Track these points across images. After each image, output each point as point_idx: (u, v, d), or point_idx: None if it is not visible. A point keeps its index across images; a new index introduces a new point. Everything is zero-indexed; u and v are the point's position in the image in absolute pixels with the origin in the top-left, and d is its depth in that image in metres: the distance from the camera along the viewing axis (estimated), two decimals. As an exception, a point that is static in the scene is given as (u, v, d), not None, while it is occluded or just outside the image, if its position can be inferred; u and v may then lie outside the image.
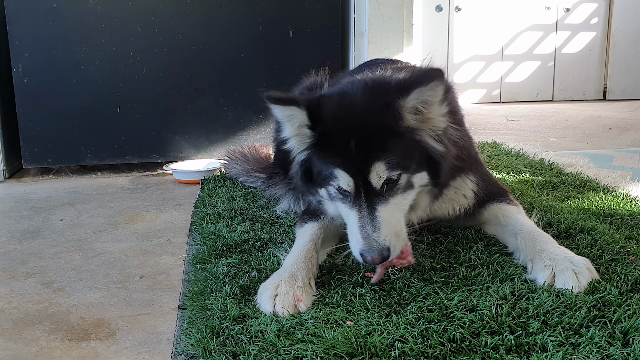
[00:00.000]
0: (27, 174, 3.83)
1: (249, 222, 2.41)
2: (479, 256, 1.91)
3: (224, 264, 1.94)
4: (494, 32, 8.37)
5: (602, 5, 8.50)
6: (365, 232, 1.66)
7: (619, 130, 5.27)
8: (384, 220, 1.68)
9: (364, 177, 1.68)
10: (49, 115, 3.69)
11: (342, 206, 1.78)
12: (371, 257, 1.64)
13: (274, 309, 1.59)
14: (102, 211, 2.92)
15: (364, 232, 1.66)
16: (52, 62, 3.64)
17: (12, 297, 1.90)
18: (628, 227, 2.19)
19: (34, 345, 1.59)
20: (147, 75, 3.76)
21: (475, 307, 1.55)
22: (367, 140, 1.69)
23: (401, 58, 3.86)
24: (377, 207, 1.69)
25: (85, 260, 2.23)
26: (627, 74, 8.59)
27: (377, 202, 1.69)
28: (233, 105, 3.90)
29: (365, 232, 1.66)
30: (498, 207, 2.12)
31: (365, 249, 1.65)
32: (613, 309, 1.50)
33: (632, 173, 3.28)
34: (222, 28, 3.82)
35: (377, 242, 1.64)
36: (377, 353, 1.35)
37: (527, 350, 1.35)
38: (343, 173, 1.70)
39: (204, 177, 3.38)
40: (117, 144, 3.80)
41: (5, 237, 2.53)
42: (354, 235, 1.71)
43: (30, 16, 3.58)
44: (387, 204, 1.70)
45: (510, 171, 3.24)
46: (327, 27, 3.94)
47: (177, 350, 1.52)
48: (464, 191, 2.09)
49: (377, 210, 1.68)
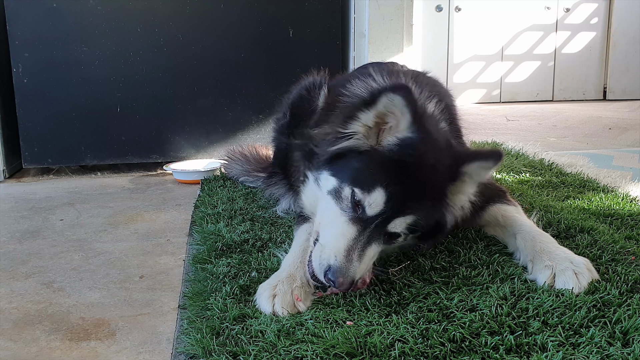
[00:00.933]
0: (27, 174, 3.83)
1: (249, 222, 2.41)
2: (479, 256, 1.91)
3: (224, 264, 1.94)
4: (494, 32, 8.37)
5: (602, 5, 8.51)
6: (350, 256, 1.58)
7: (619, 130, 5.27)
8: (369, 257, 1.63)
9: (389, 216, 1.62)
10: (49, 115, 3.69)
11: (335, 209, 1.68)
12: (342, 281, 1.56)
13: (273, 309, 1.59)
14: (102, 211, 2.92)
15: (350, 256, 1.58)
16: (52, 62, 3.64)
17: (12, 297, 1.90)
18: (628, 227, 2.19)
19: (34, 345, 1.59)
20: (147, 75, 3.77)
21: (475, 307, 1.55)
22: (419, 190, 1.65)
23: (401, 58, 3.87)
24: (372, 243, 1.63)
25: (85, 260, 2.23)
26: (627, 74, 8.59)
27: (376, 240, 1.64)
28: (233, 105, 3.90)
29: (350, 256, 1.58)
30: (497, 207, 2.12)
31: (340, 270, 1.56)
32: (613, 309, 1.50)
33: (632, 173, 3.28)
34: (222, 28, 3.82)
35: (354, 271, 1.58)
36: (377, 353, 1.35)
37: (527, 350, 1.35)
38: (381, 195, 1.60)
39: (204, 177, 3.38)
40: (117, 144, 3.80)
41: (5, 237, 2.53)
42: (333, 248, 1.60)
43: (30, 16, 3.58)
44: (379, 245, 1.66)
45: (510, 171, 3.24)
46: (327, 27, 3.94)
47: (177, 350, 1.52)
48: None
49: (370, 246, 1.63)
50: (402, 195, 1.63)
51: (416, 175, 1.65)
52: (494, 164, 1.74)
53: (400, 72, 2.10)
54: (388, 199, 1.61)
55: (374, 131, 1.69)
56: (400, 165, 1.65)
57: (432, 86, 2.08)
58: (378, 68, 2.16)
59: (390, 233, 1.67)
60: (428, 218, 1.70)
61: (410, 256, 1.93)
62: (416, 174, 1.65)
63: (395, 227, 1.66)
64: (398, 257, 1.92)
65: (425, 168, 1.67)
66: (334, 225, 1.66)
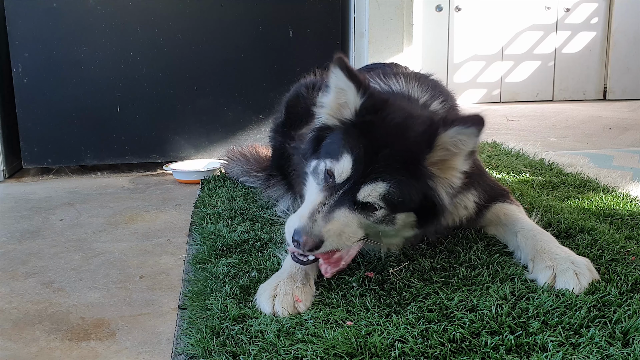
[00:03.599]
0: (27, 174, 3.83)
1: (249, 222, 2.41)
2: (479, 256, 1.91)
3: (224, 264, 1.94)
4: (494, 32, 8.37)
5: (602, 5, 8.50)
6: (314, 216, 1.60)
7: (619, 130, 5.27)
8: (337, 222, 1.62)
9: (357, 181, 1.63)
10: (49, 115, 3.69)
11: (313, 184, 1.74)
12: (305, 238, 1.56)
13: (273, 309, 1.59)
14: (102, 211, 2.92)
15: (314, 216, 1.60)
16: (52, 62, 3.64)
17: (12, 297, 1.90)
18: (628, 227, 2.19)
19: (34, 345, 1.59)
20: (147, 75, 3.76)
21: (475, 307, 1.55)
22: (389, 157, 1.64)
23: (401, 58, 3.87)
24: (341, 209, 1.63)
25: (85, 260, 2.23)
26: (627, 74, 8.59)
27: (345, 207, 1.64)
28: (233, 105, 3.90)
29: (314, 217, 1.60)
30: (499, 206, 2.12)
31: (304, 228, 1.58)
32: (613, 309, 1.50)
33: (632, 173, 3.28)
34: (222, 28, 3.82)
35: (318, 230, 1.58)
36: (377, 353, 1.35)
37: (527, 350, 1.35)
38: (347, 161, 1.64)
39: (204, 177, 3.38)
40: (117, 144, 3.80)
41: (5, 237, 2.53)
42: (301, 212, 1.65)
43: (30, 16, 3.58)
44: (351, 214, 1.65)
45: (510, 171, 3.23)
46: (327, 27, 3.94)
47: (177, 350, 1.52)
48: (465, 203, 2.06)
49: (338, 211, 1.63)
50: (368, 159, 1.64)
51: (378, 137, 1.67)
52: (476, 130, 1.63)
53: (400, 74, 2.10)
54: (354, 163, 1.64)
55: (339, 110, 1.77)
56: (363, 130, 1.70)
57: (435, 87, 2.09)
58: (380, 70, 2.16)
59: (363, 203, 1.65)
60: (403, 189, 1.65)
61: (410, 256, 1.93)
62: (378, 136, 1.68)
63: (366, 196, 1.64)
64: (398, 257, 1.92)
65: (386, 129, 1.69)
66: (309, 196, 1.73)
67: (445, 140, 1.66)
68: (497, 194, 2.17)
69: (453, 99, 2.16)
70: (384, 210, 1.68)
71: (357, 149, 1.66)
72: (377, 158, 1.64)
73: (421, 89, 1.98)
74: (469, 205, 2.07)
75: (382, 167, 1.64)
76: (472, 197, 2.07)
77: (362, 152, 1.65)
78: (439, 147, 1.67)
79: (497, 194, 2.17)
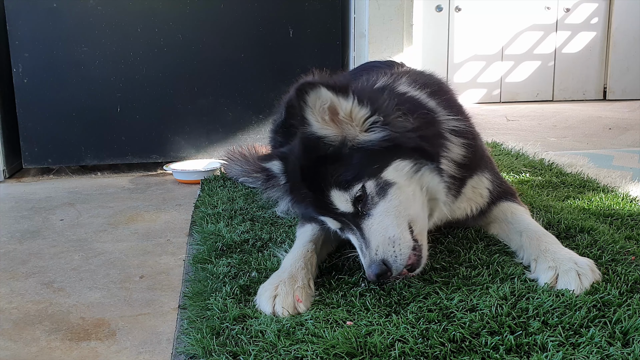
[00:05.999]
0: (27, 174, 3.83)
1: (249, 222, 2.41)
2: (479, 256, 1.91)
3: (224, 264, 1.94)
4: (494, 32, 8.37)
5: (602, 5, 8.51)
6: (362, 251, 1.68)
7: (619, 130, 5.27)
8: (372, 233, 1.67)
9: (334, 209, 1.71)
10: (49, 115, 3.69)
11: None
12: (372, 274, 1.63)
13: (274, 310, 1.58)
14: (102, 211, 2.92)
15: (362, 251, 1.68)
16: (52, 62, 3.65)
17: (12, 297, 1.90)
18: (628, 227, 2.19)
19: (34, 345, 1.59)
20: (147, 75, 3.77)
21: (475, 307, 1.55)
22: (312, 173, 1.73)
23: (401, 58, 3.86)
24: (361, 225, 1.69)
25: (85, 260, 2.23)
26: (627, 74, 8.59)
27: (361, 220, 1.69)
28: (233, 105, 3.90)
29: (362, 252, 1.68)
30: (508, 205, 2.13)
31: (366, 267, 1.66)
32: (613, 309, 1.50)
33: (632, 173, 3.28)
34: (222, 28, 3.82)
35: (371, 258, 1.64)
36: (377, 353, 1.35)
37: (527, 350, 1.35)
38: (323, 219, 1.79)
39: (204, 177, 3.38)
40: (117, 144, 3.80)
41: (5, 237, 2.53)
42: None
43: (30, 16, 3.58)
44: (370, 216, 1.68)
45: (510, 171, 3.23)
46: (327, 27, 3.95)
47: (177, 350, 1.52)
48: (481, 190, 2.08)
49: (362, 229, 1.68)
50: (316, 195, 1.76)
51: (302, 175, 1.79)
52: (316, 94, 1.63)
53: (395, 72, 2.11)
54: (319, 212, 1.81)
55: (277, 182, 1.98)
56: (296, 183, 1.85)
57: (432, 84, 2.09)
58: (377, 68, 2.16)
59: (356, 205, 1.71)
60: (344, 170, 1.68)
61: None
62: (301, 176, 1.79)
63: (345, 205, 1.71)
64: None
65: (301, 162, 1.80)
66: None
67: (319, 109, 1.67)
68: (507, 191, 2.19)
69: (447, 94, 2.15)
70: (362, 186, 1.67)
71: (309, 201, 1.80)
72: (312, 183, 1.76)
73: (415, 87, 1.99)
74: (484, 193, 2.09)
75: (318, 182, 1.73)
76: (486, 182, 2.09)
77: (311, 197, 1.78)
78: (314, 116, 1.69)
79: (507, 191, 2.19)
